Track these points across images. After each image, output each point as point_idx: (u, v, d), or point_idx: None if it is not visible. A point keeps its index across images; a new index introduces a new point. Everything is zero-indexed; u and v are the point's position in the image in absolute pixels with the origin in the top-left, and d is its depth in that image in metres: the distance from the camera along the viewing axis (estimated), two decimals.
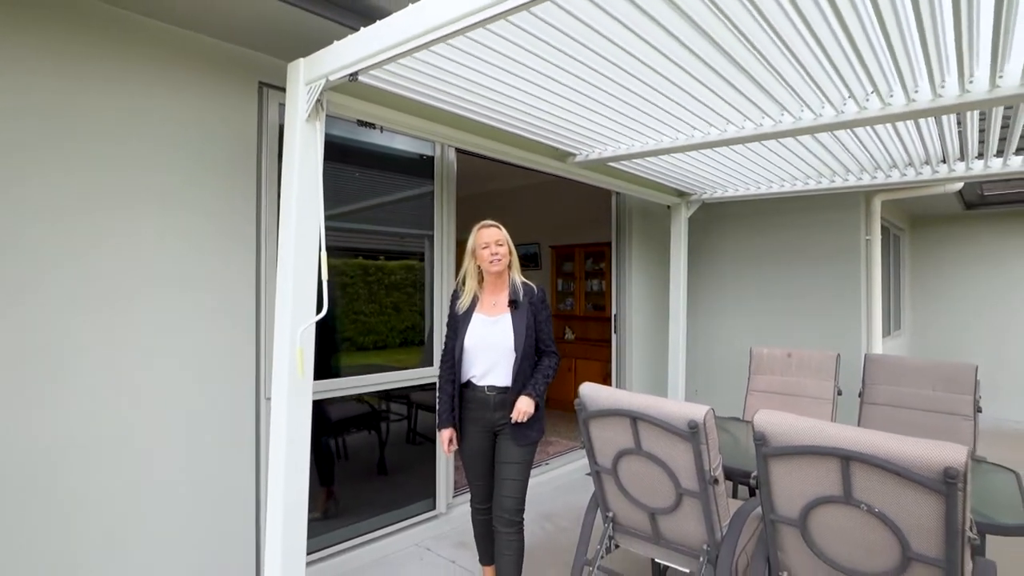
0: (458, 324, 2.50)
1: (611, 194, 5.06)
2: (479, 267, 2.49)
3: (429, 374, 3.41)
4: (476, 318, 2.47)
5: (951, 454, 1.45)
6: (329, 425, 3.06)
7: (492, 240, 2.45)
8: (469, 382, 2.48)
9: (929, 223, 7.10)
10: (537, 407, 2.42)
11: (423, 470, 3.45)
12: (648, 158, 3.49)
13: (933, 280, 7.08)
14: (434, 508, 3.44)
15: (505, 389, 2.42)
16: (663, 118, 2.75)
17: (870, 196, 4.72)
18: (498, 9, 1.58)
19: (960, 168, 3.59)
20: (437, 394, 2.59)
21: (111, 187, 2.22)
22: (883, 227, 5.83)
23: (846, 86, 2.24)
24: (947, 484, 1.45)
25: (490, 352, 2.43)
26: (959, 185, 4.32)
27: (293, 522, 2.24)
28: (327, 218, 2.24)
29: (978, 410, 4.51)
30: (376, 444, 3.28)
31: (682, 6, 1.72)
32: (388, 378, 3.24)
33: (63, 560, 2.09)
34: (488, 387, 2.44)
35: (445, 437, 2.51)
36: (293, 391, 2.21)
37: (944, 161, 3.53)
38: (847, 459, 1.61)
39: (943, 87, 2.23)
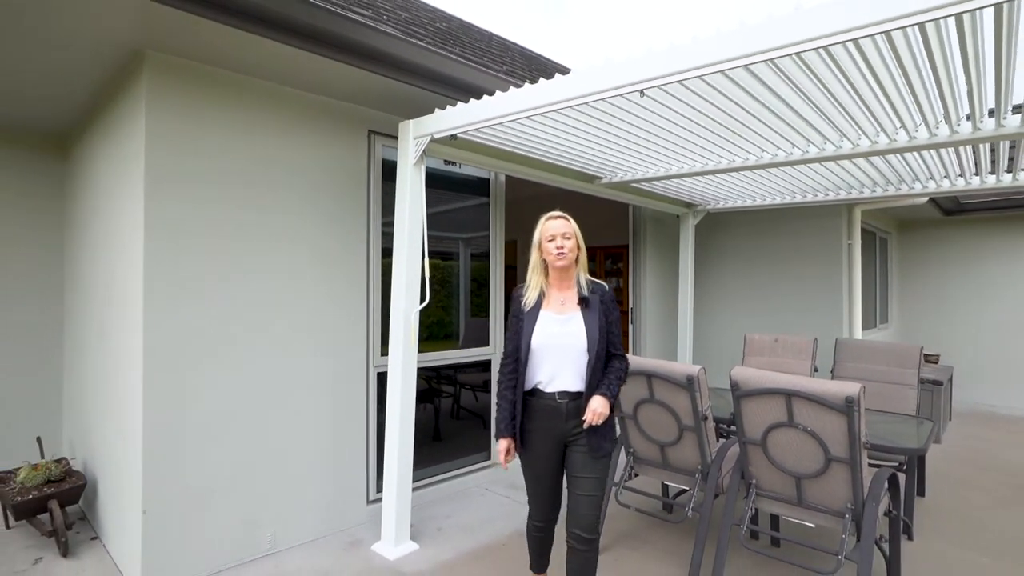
0: (522, 323, 2.28)
1: (628, 205, 5.90)
2: (544, 261, 2.30)
3: (485, 352, 4.31)
4: (544, 316, 2.25)
5: (850, 389, 2.31)
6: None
7: (559, 232, 2.24)
8: (535, 389, 2.25)
9: (914, 227, 7.87)
10: (612, 410, 2.23)
11: (481, 431, 4.35)
12: (663, 180, 4.34)
13: (918, 278, 7.84)
14: (490, 458, 4.33)
15: (578, 395, 2.21)
16: (677, 149, 3.51)
17: (851, 207, 5.52)
18: (564, 103, 2.44)
19: (917, 187, 4.41)
20: (495, 399, 2.38)
21: (270, 219, 3.12)
22: (871, 231, 6.63)
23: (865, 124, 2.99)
24: (848, 407, 2.30)
25: (559, 353, 2.21)
26: (924, 199, 5.10)
27: (404, 453, 3.15)
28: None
29: (936, 383, 5.33)
30: (448, 412, 4.18)
31: (698, 88, 2.50)
32: (456, 355, 4.13)
33: (254, 460, 3.00)
34: (559, 393, 2.21)
35: (502, 448, 2.26)
36: (406, 357, 3.12)
37: (916, 180, 4.30)
38: (789, 396, 2.46)
39: (959, 125, 2.84)
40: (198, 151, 2.82)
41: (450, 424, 4.27)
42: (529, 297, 2.31)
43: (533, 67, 6.95)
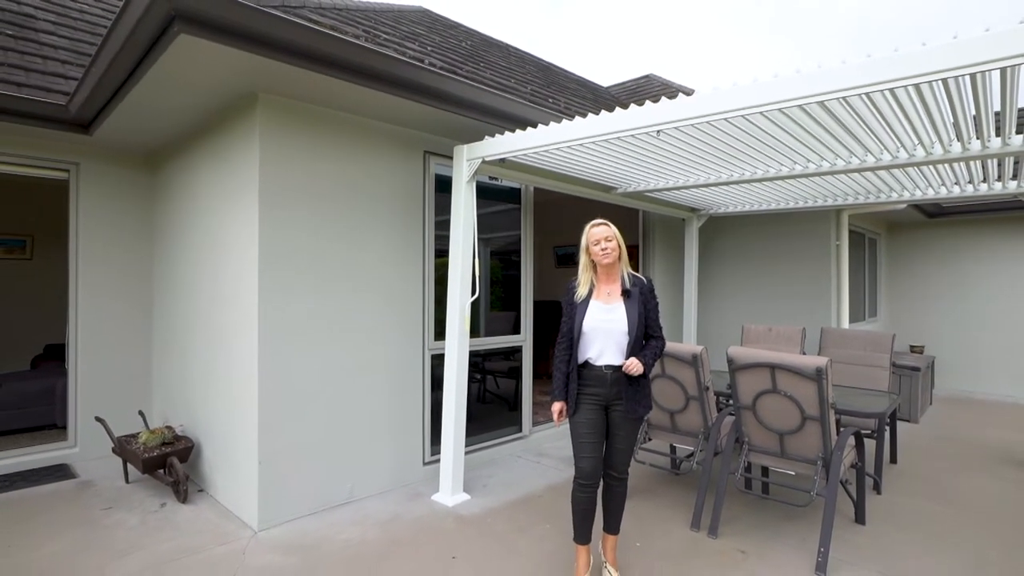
0: (575, 311, 2.74)
1: (639, 210, 6.55)
2: (592, 261, 2.76)
3: (517, 340, 4.97)
4: (593, 305, 2.72)
5: (819, 361, 2.96)
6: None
7: (602, 236, 2.70)
8: (587, 362, 2.71)
9: (901, 229, 8.51)
10: (644, 377, 2.69)
11: (508, 412, 5.03)
12: (672, 191, 4.99)
13: (905, 275, 8.49)
14: (521, 431, 5.01)
15: (620, 367, 2.66)
16: (685, 165, 4.18)
17: (839, 212, 6.17)
18: (598, 137, 3.10)
19: (894, 196, 5.05)
20: (553, 371, 2.80)
21: (347, 231, 3.79)
22: (860, 233, 7.27)
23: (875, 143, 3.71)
24: (818, 375, 2.96)
25: (605, 335, 2.66)
26: (903, 205, 5.74)
27: (459, 417, 3.82)
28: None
29: (914, 369, 5.97)
30: (482, 395, 4.85)
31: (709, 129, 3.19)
32: (496, 341, 4.79)
33: (338, 425, 3.68)
34: (605, 366, 2.67)
35: (556, 409, 2.72)
36: (461, 340, 3.78)
37: (892, 190, 4.94)
38: (773, 368, 3.12)
39: (970, 143, 3.26)
40: (293, 177, 3.48)
41: (482, 405, 4.93)
42: (580, 291, 2.77)
43: (549, 79, 7.62)
